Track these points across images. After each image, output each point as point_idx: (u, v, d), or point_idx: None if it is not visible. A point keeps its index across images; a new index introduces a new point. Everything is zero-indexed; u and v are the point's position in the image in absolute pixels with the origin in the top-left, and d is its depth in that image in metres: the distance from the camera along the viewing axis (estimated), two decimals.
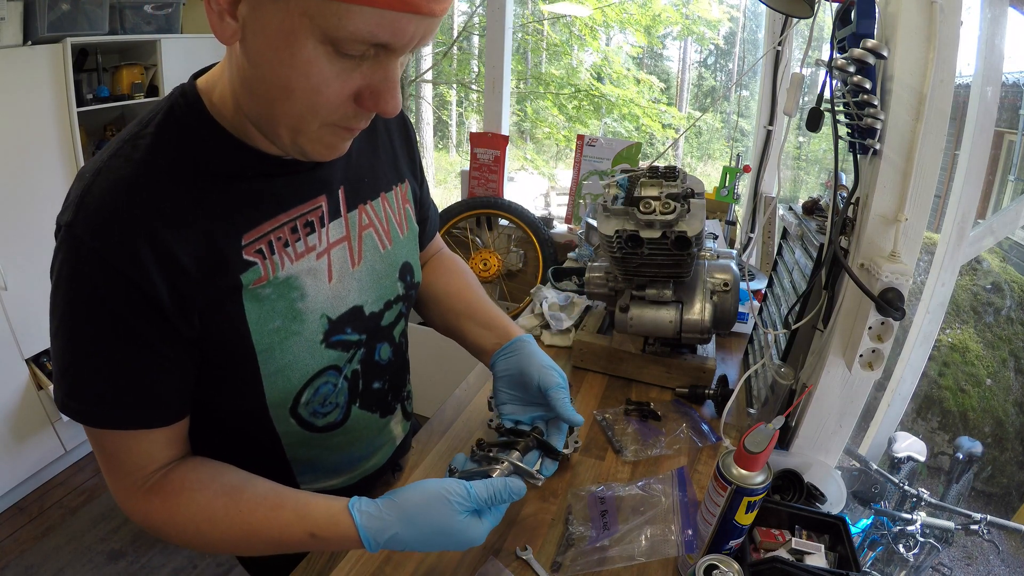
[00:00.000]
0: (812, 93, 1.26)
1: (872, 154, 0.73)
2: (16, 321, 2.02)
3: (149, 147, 0.53)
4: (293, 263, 0.62)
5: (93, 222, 0.50)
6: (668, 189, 0.94)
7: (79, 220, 0.50)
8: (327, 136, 0.53)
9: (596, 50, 5.73)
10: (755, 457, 0.58)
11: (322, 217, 0.65)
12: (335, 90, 0.48)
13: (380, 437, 0.82)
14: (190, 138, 0.55)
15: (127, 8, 2.24)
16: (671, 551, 0.72)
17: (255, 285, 0.59)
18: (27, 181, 2.00)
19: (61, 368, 0.54)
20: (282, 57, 0.46)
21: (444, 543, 0.57)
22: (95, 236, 0.50)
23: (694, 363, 1.08)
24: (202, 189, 0.55)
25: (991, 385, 2.89)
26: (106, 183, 0.51)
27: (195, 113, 0.56)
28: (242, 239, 0.58)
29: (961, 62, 0.67)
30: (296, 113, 0.50)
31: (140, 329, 0.53)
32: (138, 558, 1.96)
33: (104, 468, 0.60)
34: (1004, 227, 1.81)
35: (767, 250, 1.74)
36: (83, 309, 0.52)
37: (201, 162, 0.56)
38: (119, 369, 0.54)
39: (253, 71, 0.49)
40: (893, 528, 1.57)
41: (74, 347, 0.53)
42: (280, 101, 0.49)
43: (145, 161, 0.53)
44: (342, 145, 0.56)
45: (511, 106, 3.06)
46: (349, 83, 0.48)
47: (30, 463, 2.18)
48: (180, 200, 0.54)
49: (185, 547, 0.63)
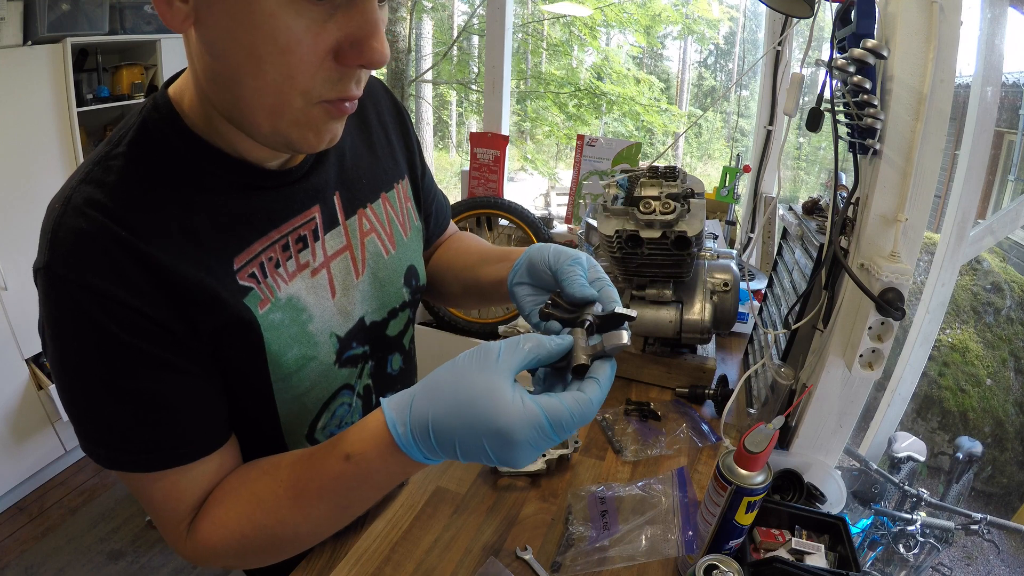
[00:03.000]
0: (812, 93, 1.26)
1: (872, 154, 0.73)
2: (16, 321, 2.03)
3: (122, 169, 0.48)
4: (288, 284, 0.57)
5: (71, 256, 0.44)
6: (668, 189, 0.94)
7: (56, 259, 0.44)
8: (313, 117, 0.46)
9: (596, 50, 5.74)
10: (755, 457, 0.58)
11: (315, 230, 0.60)
12: (308, 47, 0.41)
13: None
14: (166, 155, 0.50)
15: (127, 8, 2.24)
16: (671, 551, 0.72)
17: (263, 309, 0.54)
18: (27, 181, 2.00)
19: (78, 417, 0.49)
20: (242, 22, 0.40)
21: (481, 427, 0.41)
22: (77, 269, 0.44)
23: (694, 363, 1.08)
24: (185, 211, 0.50)
25: (991, 385, 2.89)
26: (77, 213, 0.45)
27: (168, 124, 0.50)
28: (233, 263, 0.52)
29: (961, 62, 0.67)
30: (271, 87, 0.42)
31: (155, 353, 0.47)
32: (138, 558, 1.96)
33: (153, 516, 0.53)
34: (1004, 227, 1.81)
35: (767, 250, 1.74)
36: (88, 348, 0.46)
37: (181, 180, 0.50)
38: (143, 402, 0.48)
39: (214, 55, 0.43)
40: (893, 528, 1.57)
41: (88, 391, 0.47)
42: (250, 77, 0.42)
43: (119, 185, 0.47)
44: (332, 127, 0.48)
45: (511, 106, 3.06)
46: (323, 36, 0.41)
47: (30, 463, 2.18)
48: (163, 226, 0.48)
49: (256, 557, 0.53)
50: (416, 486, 0.83)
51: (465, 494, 0.82)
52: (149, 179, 0.49)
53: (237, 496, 0.52)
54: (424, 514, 0.78)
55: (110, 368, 0.46)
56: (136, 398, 0.48)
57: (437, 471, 0.86)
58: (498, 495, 0.82)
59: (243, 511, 0.51)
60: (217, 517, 0.51)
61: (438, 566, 0.70)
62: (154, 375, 0.48)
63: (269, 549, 0.52)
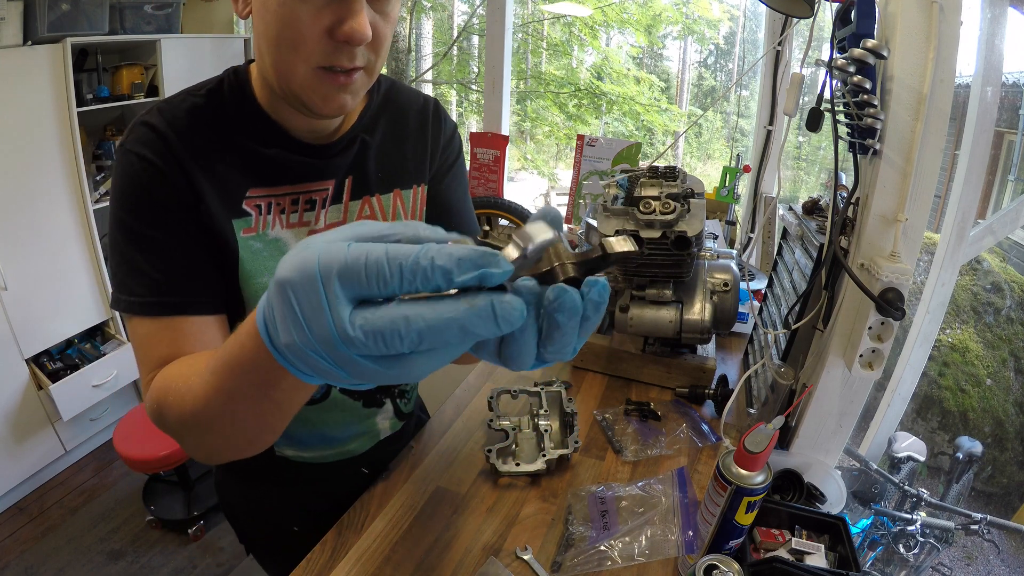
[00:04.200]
0: (812, 93, 1.26)
1: (872, 154, 0.73)
2: (16, 321, 2.03)
3: (195, 104, 0.64)
4: (282, 229, 0.68)
5: (138, 140, 0.60)
6: (668, 189, 0.94)
7: (128, 139, 0.61)
8: (318, 83, 0.58)
9: (596, 50, 5.74)
10: (755, 457, 0.58)
11: (325, 199, 0.70)
12: (308, 26, 0.54)
13: (360, 425, 0.84)
14: (230, 108, 0.65)
15: (127, 8, 2.24)
16: (671, 551, 0.72)
17: (245, 234, 0.65)
18: (27, 181, 2.00)
19: (115, 266, 0.61)
20: (266, 10, 0.55)
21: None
22: (137, 145, 0.60)
23: (694, 363, 1.08)
24: (228, 146, 0.64)
25: (991, 385, 2.89)
26: (152, 116, 0.62)
27: (239, 89, 0.65)
28: (247, 191, 0.65)
29: (961, 62, 0.67)
30: (283, 56, 0.56)
31: (184, 222, 0.61)
32: (138, 558, 1.96)
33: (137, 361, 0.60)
34: (1004, 227, 1.81)
35: (767, 250, 1.74)
36: (131, 204, 0.60)
37: (235, 128, 0.65)
38: (169, 254, 0.60)
39: (256, 34, 0.59)
40: (893, 528, 1.57)
41: (126, 241, 0.60)
42: (271, 50, 0.57)
43: (190, 111, 0.63)
44: (336, 97, 0.59)
45: (511, 106, 3.06)
46: (320, 19, 0.54)
47: (30, 463, 2.18)
48: (207, 146, 0.63)
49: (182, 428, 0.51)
50: (416, 486, 0.83)
51: (465, 494, 0.82)
52: (212, 117, 0.64)
53: (183, 361, 0.57)
54: (424, 514, 0.78)
55: (140, 219, 0.60)
56: (153, 246, 0.60)
57: (437, 471, 0.86)
58: (498, 495, 0.82)
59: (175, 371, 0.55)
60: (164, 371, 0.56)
61: (438, 566, 0.70)
62: (171, 231, 0.60)
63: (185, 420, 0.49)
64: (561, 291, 0.30)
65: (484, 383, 1.10)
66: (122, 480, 2.32)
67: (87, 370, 2.22)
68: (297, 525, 0.87)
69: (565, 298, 0.29)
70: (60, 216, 2.14)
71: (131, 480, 2.30)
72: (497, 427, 0.91)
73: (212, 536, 2.08)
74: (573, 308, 0.30)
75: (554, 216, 0.32)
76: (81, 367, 2.22)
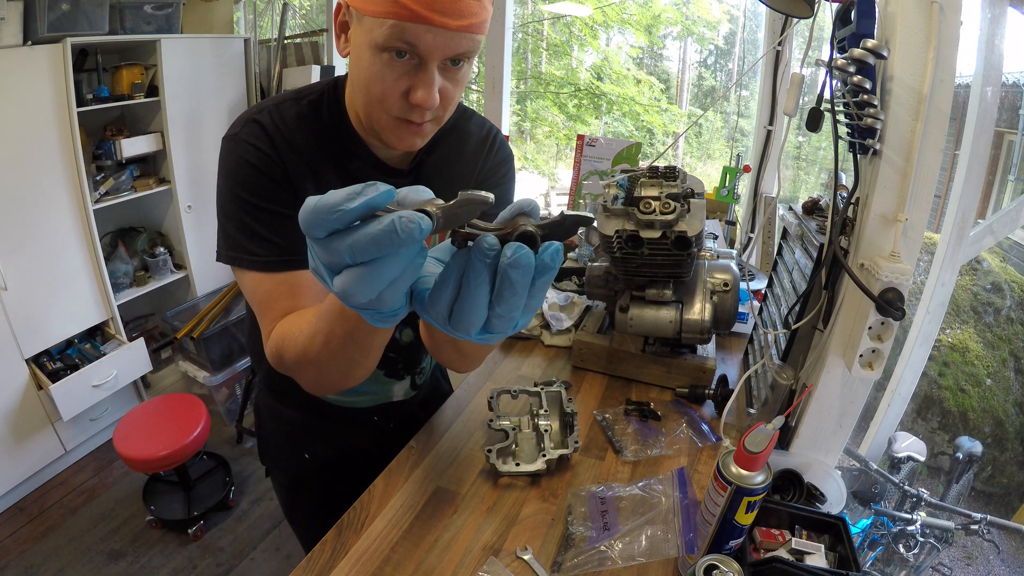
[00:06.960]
0: (812, 93, 1.26)
1: (872, 154, 0.73)
2: (16, 321, 2.03)
3: (298, 112, 0.75)
4: None
5: (253, 133, 0.72)
6: (668, 189, 0.93)
7: (243, 132, 0.72)
8: (395, 128, 0.70)
9: (596, 50, 5.74)
10: (755, 457, 0.58)
11: None
12: (389, 86, 0.65)
13: (375, 385, 0.97)
14: (327, 120, 0.76)
15: (127, 8, 2.24)
16: (671, 551, 0.72)
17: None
18: (27, 181, 2.00)
19: (233, 234, 0.71)
20: (360, 63, 0.66)
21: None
22: (245, 134, 0.71)
23: (694, 363, 1.08)
24: (323, 151, 0.75)
25: (991, 385, 2.88)
26: (261, 116, 0.73)
27: (336, 104, 0.77)
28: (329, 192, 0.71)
29: (961, 62, 0.67)
30: (370, 104, 0.68)
31: (290, 202, 0.71)
32: (138, 558, 1.96)
33: (257, 314, 0.72)
34: (1004, 227, 1.80)
35: (767, 250, 1.74)
36: (248, 183, 0.70)
37: (327, 139, 0.76)
38: (284, 223, 0.71)
39: (351, 73, 0.71)
40: (893, 528, 1.57)
41: (244, 213, 0.70)
42: (360, 95, 0.69)
43: (291, 119, 0.74)
44: (409, 139, 0.71)
45: (511, 106, 3.06)
46: (400, 82, 0.65)
47: (30, 463, 2.18)
48: (310, 147, 0.74)
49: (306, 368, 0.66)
50: (416, 486, 0.83)
51: (465, 494, 0.82)
52: (312, 126, 0.76)
53: (298, 313, 0.69)
54: (424, 514, 0.78)
55: (257, 195, 0.71)
56: (271, 217, 0.71)
57: (437, 471, 0.86)
58: (498, 495, 0.82)
59: (291, 320, 0.67)
60: (283, 322, 0.68)
61: (438, 566, 0.70)
62: (284, 206, 0.71)
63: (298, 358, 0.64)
64: (517, 248, 0.34)
65: (484, 383, 1.10)
66: (122, 480, 2.32)
67: (87, 370, 2.22)
68: (308, 453, 1.04)
69: (520, 255, 0.34)
70: (60, 216, 2.14)
71: (131, 480, 2.30)
72: (497, 427, 0.91)
73: (212, 536, 2.08)
74: (527, 264, 0.34)
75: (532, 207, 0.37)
76: (81, 367, 2.22)
